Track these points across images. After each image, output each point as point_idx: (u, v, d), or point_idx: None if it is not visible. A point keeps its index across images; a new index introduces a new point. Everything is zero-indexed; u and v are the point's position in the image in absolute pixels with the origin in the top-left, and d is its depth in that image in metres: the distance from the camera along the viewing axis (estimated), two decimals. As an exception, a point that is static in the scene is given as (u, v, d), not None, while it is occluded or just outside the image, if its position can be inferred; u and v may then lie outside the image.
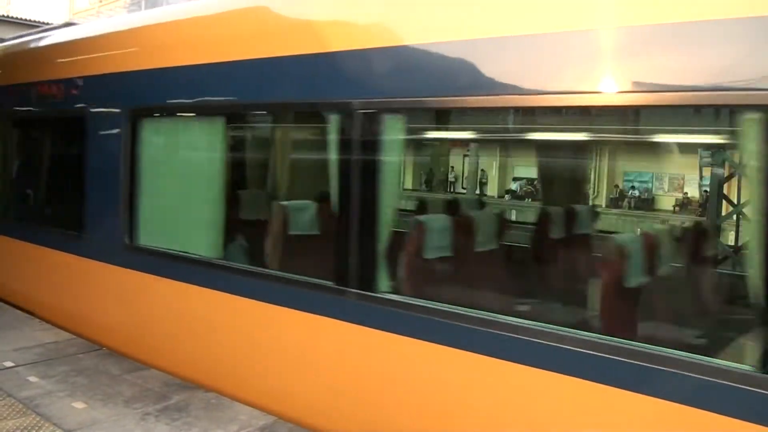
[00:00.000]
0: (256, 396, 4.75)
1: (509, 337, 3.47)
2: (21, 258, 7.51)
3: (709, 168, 9.47)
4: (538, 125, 5.68)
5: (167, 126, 5.76)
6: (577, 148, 6.83)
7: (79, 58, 6.67)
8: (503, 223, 6.06)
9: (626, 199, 22.21)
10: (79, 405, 4.72)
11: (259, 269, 4.98)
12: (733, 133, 3.94)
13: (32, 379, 5.21)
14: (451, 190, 17.34)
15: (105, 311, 6.19)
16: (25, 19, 25.84)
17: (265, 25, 4.89)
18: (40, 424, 4.36)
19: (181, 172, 5.63)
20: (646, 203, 22.36)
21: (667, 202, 21.98)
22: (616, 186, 22.41)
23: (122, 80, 5.89)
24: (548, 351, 3.32)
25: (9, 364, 5.52)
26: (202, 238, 5.25)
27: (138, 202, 5.72)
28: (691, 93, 3.04)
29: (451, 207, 8.18)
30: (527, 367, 3.40)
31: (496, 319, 3.59)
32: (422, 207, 8.64)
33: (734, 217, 9.25)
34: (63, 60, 6.92)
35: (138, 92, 5.75)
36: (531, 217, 11.95)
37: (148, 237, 5.69)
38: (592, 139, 5.90)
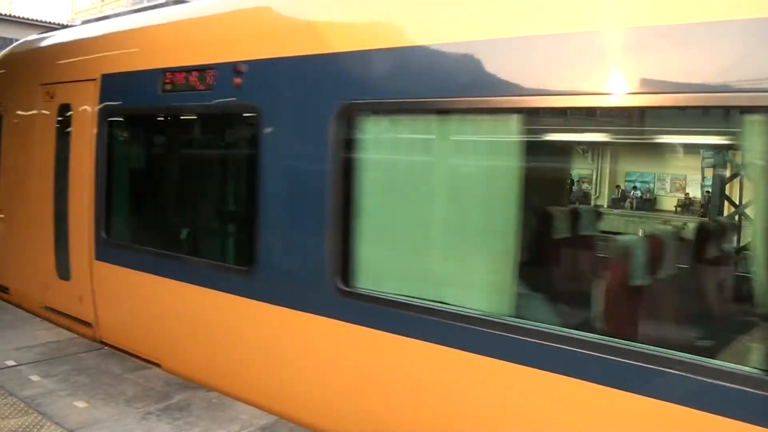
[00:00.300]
0: None
1: None
2: (149, 297, 5.70)
3: None
4: None
5: (414, 126, 4.17)
6: None
7: (242, 36, 4.99)
8: None
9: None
10: (80, 404, 4.72)
11: (608, 339, 3.25)
12: None
13: (34, 378, 5.21)
14: None
15: (300, 377, 4.55)
16: (28, 19, 25.88)
17: None
18: (41, 423, 4.36)
19: (441, 191, 4.06)
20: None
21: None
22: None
23: (327, 64, 4.31)
24: None
25: (11, 362, 5.52)
26: (478, 285, 3.85)
27: (360, 232, 4.15)
28: None
29: None
30: None
31: None
32: None
33: None
34: (214, 40, 5.24)
35: (358, 80, 4.20)
36: None
37: (378, 280, 4.11)
38: None
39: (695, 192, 21.21)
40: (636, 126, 5.05)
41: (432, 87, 3.85)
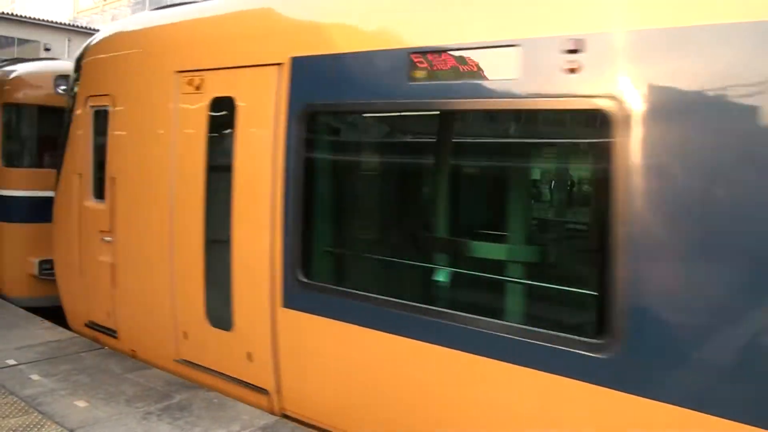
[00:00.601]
0: None
1: None
2: (384, 365, 4.07)
3: None
4: None
5: None
6: None
7: None
8: None
9: None
10: (81, 403, 4.72)
11: None
12: None
13: (34, 377, 5.21)
14: None
15: None
16: (30, 18, 25.93)
17: None
18: (42, 423, 4.36)
19: None
20: None
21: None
22: None
23: None
24: None
25: (12, 362, 5.52)
26: None
27: None
28: None
29: None
30: None
31: None
32: None
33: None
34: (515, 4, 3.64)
35: None
36: None
37: None
38: None
39: None
40: None
41: None
